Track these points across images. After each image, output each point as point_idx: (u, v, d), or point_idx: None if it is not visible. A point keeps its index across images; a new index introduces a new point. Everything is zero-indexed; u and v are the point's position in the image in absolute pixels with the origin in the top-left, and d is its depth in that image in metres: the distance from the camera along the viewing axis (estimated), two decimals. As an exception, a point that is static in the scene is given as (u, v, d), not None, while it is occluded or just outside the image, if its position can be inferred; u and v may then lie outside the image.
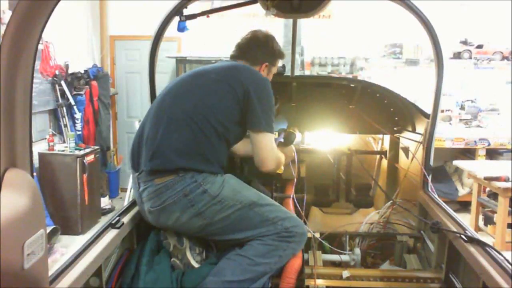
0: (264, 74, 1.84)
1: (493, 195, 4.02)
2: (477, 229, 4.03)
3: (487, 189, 4.09)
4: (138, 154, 1.66)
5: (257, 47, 1.85)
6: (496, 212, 3.74)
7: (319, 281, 1.78)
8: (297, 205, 2.12)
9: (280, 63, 2.01)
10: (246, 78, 1.66)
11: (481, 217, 4.14)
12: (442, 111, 5.00)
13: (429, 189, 2.09)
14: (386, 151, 2.89)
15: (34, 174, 1.05)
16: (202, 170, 1.56)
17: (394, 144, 2.75)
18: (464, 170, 4.44)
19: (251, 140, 1.67)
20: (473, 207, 4.11)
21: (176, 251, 1.65)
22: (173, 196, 1.54)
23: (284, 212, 1.67)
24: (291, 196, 2.19)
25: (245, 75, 1.67)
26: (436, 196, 2.01)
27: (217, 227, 1.57)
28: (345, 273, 1.82)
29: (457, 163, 4.19)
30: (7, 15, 3.51)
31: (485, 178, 3.58)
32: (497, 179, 3.50)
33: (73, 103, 4.57)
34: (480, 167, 3.91)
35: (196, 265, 1.62)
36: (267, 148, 1.65)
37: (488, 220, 4.01)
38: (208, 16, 2.14)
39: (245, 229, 1.57)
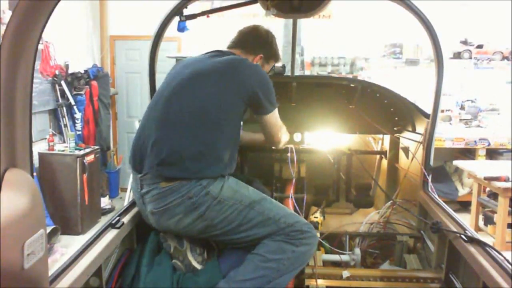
0: None
1: (493, 195, 4.02)
2: (477, 229, 4.03)
3: (487, 189, 4.08)
4: (140, 156, 1.64)
5: (257, 37, 1.90)
6: (496, 212, 3.74)
7: (319, 281, 1.78)
8: (296, 205, 2.12)
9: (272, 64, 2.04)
10: (249, 76, 1.66)
11: (481, 217, 4.14)
12: (442, 111, 5.00)
13: (429, 189, 2.09)
14: (386, 151, 2.88)
15: (34, 174, 1.05)
16: (208, 174, 1.56)
17: (394, 144, 2.75)
18: (464, 170, 4.43)
19: (260, 123, 1.80)
20: (473, 207, 4.11)
21: (177, 253, 1.64)
22: (177, 198, 1.53)
23: (283, 208, 1.65)
24: (291, 196, 2.19)
25: (247, 72, 1.67)
26: (436, 196, 2.01)
27: (218, 228, 1.56)
28: (345, 273, 1.82)
29: (457, 163, 4.19)
30: (7, 15, 3.51)
31: (485, 178, 3.58)
32: (497, 179, 3.50)
33: (73, 103, 4.57)
34: (480, 167, 3.91)
35: (197, 266, 1.61)
36: (274, 124, 1.81)
37: (488, 220, 4.01)
38: (208, 16, 2.14)
39: (246, 229, 1.56)
